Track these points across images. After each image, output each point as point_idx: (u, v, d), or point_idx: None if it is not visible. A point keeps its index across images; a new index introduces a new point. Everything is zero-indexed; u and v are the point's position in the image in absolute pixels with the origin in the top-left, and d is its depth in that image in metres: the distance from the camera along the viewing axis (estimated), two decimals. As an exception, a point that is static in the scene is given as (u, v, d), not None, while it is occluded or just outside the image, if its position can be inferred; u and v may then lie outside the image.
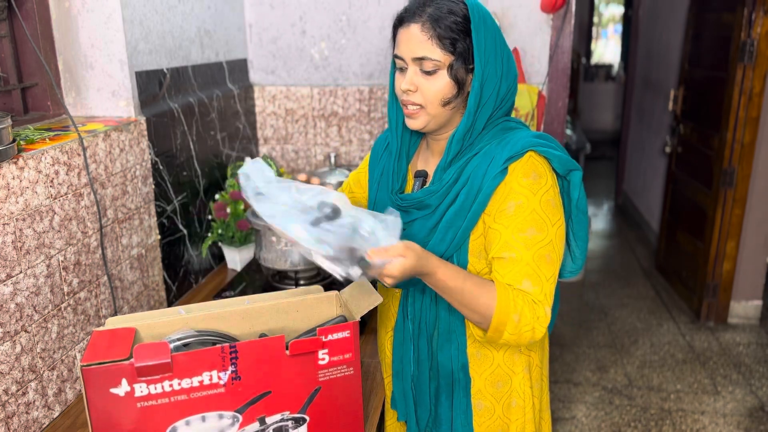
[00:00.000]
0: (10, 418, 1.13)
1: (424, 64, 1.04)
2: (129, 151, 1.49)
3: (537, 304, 1.00)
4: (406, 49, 1.05)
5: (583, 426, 2.63)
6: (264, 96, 2.28)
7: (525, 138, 1.05)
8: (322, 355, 1.00)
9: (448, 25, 1.02)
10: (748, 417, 2.67)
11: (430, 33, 1.02)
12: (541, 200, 1.02)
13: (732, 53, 3.11)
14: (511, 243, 1.02)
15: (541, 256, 1.01)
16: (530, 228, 1.01)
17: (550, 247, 1.02)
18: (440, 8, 1.03)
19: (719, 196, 3.27)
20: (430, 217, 1.10)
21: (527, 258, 1.01)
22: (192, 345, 1.02)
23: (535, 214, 1.02)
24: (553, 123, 2.14)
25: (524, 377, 1.17)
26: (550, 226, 1.02)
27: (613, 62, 8.74)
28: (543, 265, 1.02)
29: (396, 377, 1.25)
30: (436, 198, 1.09)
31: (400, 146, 1.18)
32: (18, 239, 1.13)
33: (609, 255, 4.57)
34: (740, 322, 3.46)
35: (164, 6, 1.67)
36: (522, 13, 2.04)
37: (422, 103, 1.07)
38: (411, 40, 1.04)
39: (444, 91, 1.05)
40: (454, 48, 1.03)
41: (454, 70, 1.04)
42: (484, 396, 1.16)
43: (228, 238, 1.90)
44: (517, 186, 1.02)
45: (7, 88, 1.40)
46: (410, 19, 1.05)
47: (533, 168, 1.03)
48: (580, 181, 1.10)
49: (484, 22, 1.04)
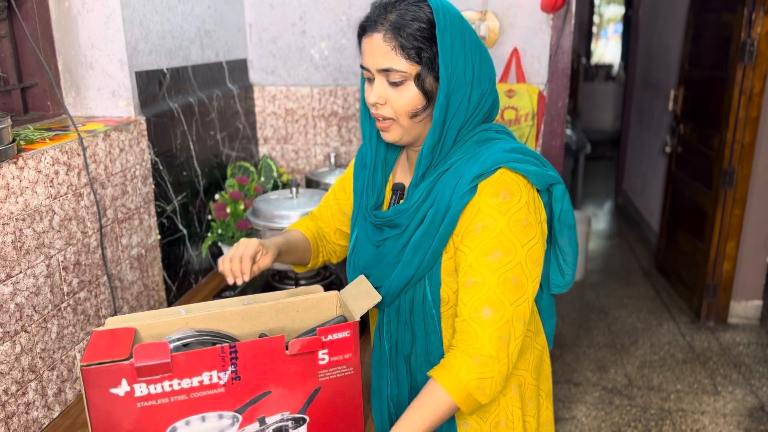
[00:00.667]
0: (10, 418, 1.13)
1: (390, 76, 0.99)
2: (129, 151, 1.49)
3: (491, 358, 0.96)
4: (370, 60, 1.00)
5: (583, 426, 2.63)
6: (264, 96, 2.28)
7: (496, 153, 0.99)
8: (322, 355, 1.00)
9: (412, 33, 0.96)
10: (748, 417, 2.67)
11: (393, 43, 0.97)
12: (510, 220, 0.96)
13: (732, 53, 3.11)
14: (476, 267, 0.97)
15: (506, 280, 0.96)
16: (496, 251, 0.96)
17: (518, 269, 0.96)
18: (403, 15, 0.97)
19: (719, 196, 3.27)
20: (400, 237, 1.06)
21: (491, 283, 0.96)
22: (192, 345, 1.02)
23: (502, 236, 0.96)
24: (553, 123, 2.14)
25: (513, 397, 1.12)
26: (519, 247, 0.96)
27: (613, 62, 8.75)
28: (508, 290, 0.96)
29: (373, 395, 1.21)
30: (406, 217, 1.05)
31: (375, 159, 1.15)
32: (18, 239, 1.13)
33: (609, 255, 4.57)
34: (740, 322, 3.46)
35: (164, 6, 1.67)
36: (522, 13, 2.04)
37: (393, 116, 1.02)
38: (374, 51, 0.99)
39: (413, 103, 1.00)
40: (420, 57, 0.97)
41: (421, 80, 0.99)
42: (468, 417, 1.11)
43: (228, 238, 1.90)
44: (485, 206, 0.97)
45: (7, 88, 1.40)
46: (372, 28, 0.99)
47: (504, 186, 0.97)
48: (562, 194, 1.05)
49: (451, 27, 0.98)
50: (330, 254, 1.34)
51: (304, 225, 1.32)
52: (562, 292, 1.18)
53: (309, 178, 2.14)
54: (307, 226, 1.32)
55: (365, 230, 1.16)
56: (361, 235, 1.18)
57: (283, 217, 1.63)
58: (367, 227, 1.16)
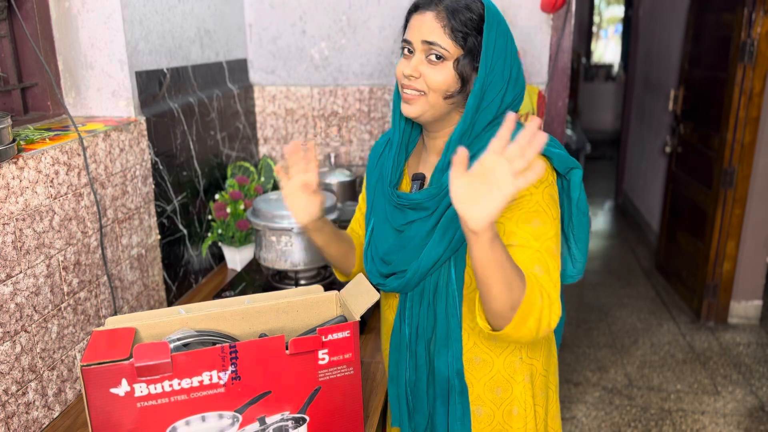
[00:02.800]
0: (10, 418, 1.13)
1: (432, 49, 1.02)
2: (129, 151, 1.49)
3: (551, 299, 0.95)
4: (416, 33, 1.03)
5: (583, 426, 2.63)
6: (264, 96, 2.28)
7: None
8: (322, 355, 1.00)
9: (462, 19, 1.01)
10: (748, 417, 2.67)
11: (444, 22, 1.01)
12: (544, 193, 1.00)
13: (732, 53, 3.11)
14: (517, 232, 0.99)
15: (548, 248, 0.99)
16: (535, 219, 0.99)
17: (555, 240, 1.00)
18: (458, 1, 1.02)
19: (719, 196, 3.27)
20: (428, 219, 1.08)
21: (536, 245, 0.98)
22: (192, 345, 1.02)
23: (539, 206, 1.00)
24: (553, 123, 2.14)
25: (525, 386, 1.14)
26: (552, 219, 1.00)
27: (613, 62, 8.74)
28: (550, 257, 0.98)
29: (391, 381, 1.23)
30: (435, 201, 1.07)
31: (402, 138, 1.16)
32: (18, 239, 1.13)
33: (609, 255, 4.57)
34: (740, 322, 3.46)
35: (164, 6, 1.67)
36: (522, 13, 2.04)
37: (424, 90, 1.04)
38: (423, 26, 1.03)
39: (447, 83, 1.03)
40: (464, 42, 1.01)
41: (460, 65, 1.02)
42: (483, 402, 1.14)
43: (228, 238, 1.90)
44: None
45: (7, 88, 1.40)
46: (426, 7, 1.04)
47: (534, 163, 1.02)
48: (580, 180, 1.08)
49: (498, 26, 1.03)
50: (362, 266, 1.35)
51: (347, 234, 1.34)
52: (574, 281, 1.20)
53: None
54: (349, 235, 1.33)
55: (384, 215, 1.17)
56: (379, 223, 1.19)
57: (283, 217, 1.63)
58: (386, 211, 1.17)
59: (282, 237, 1.65)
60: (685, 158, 3.73)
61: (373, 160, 1.26)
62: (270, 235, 1.66)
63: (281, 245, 1.66)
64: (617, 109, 8.02)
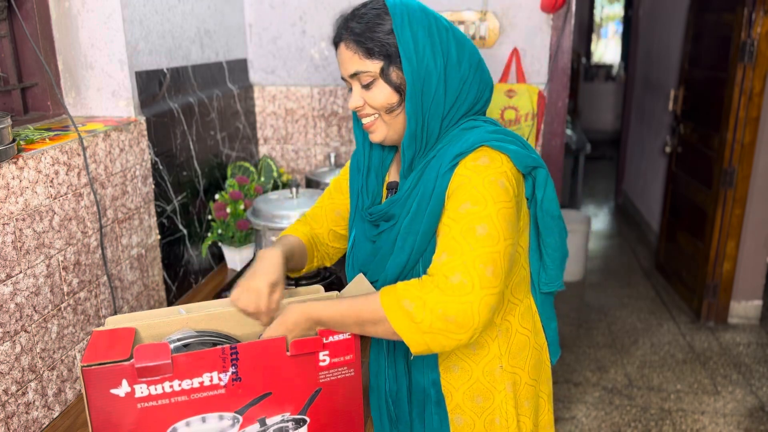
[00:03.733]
0: (10, 418, 1.13)
1: (361, 79, 1.03)
2: (129, 151, 1.49)
3: (430, 277, 0.90)
4: (342, 69, 1.06)
5: (583, 426, 2.63)
6: (264, 96, 2.27)
7: (479, 134, 1.00)
8: (323, 357, 1.00)
9: (370, 34, 1.00)
10: (748, 417, 2.67)
11: (354, 48, 1.01)
12: (486, 179, 0.95)
13: (732, 53, 3.11)
14: (445, 221, 0.96)
15: (470, 228, 0.92)
16: (465, 202, 0.94)
17: (486, 220, 0.92)
18: (360, 19, 1.01)
19: (719, 196, 3.27)
20: (394, 227, 1.08)
21: (455, 231, 0.93)
22: (192, 345, 1.02)
23: (475, 190, 0.94)
24: (553, 123, 2.14)
25: (507, 395, 1.10)
26: (491, 202, 0.93)
27: (613, 62, 8.74)
28: (470, 237, 0.91)
29: (371, 392, 1.21)
30: (398, 207, 1.06)
31: (369, 163, 1.17)
32: (18, 239, 1.13)
33: (609, 255, 4.57)
34: (740, 322, 3.46)
35: (164, 6, 1.67)
36: (522, 13, 2.04)
37: (374, 113, 1.06)
38: (343, 60, 1.04)
39: (387, 98, 1.03)
40: (381, 54, 1.00)
41: (387, 76, 1.01)
42: (462, 411, 1.11)
43: (228, 238, 1.90)
44: (463, 169, 0.97)
45: (7, 88, 1.40)
46: (339, 39, 1.05)
47: (484, 154, 0.97)
48: (545, 179, 1.04)
49: (410, 18, 1.00)
50: (323, 257, 1.34)
51: (300, 230, 1.31)
52: (552, 291, 1.16)
53: (309, 178, 2.14)
54: (302, 231, 1.31)
55: (362, 229, 1.18)
56: (358, 234, 1.19)
57: (283, 217, 1.63)
58: (364, 226, 1.17)
59: (282, 237, 1.64)
60: (685, 158, 3.73)
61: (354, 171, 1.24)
62: (270, 235, 1.66)
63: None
64: (617, 109, 8.02)
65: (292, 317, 0.98)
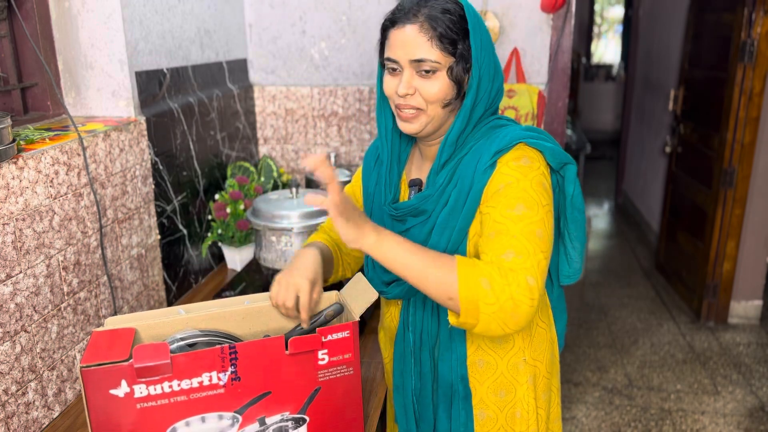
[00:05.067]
0: (9, 418, 1.13)
1: (422, 65, 1.00)
2: (129, 151, 1.49)
3: (513, 271, 0.91)
4: (401, 52, 1.01)
5: (583, 426, 2.63)
6: (264, 96, 2.27)
7: (514, 131, 1.03)
8: (322, 356, 1.00)
9: (447, 25, 0.99)
10: (748, 417, 2.67)
11: (429, 34, 0.99)
12: (532, 181, 0.99)
13: (732, 53, 3.11)
14: (499, 219, 0.97)
15: (531, 231, 0.95)
16: (519, 204, 0.97)
17: (540, 224, 0.96)
18: (435, 8, 1.00)
19: (719, 196, 3.27)
20: (426, 222, 1.07)
21: (514, 231, 0.95)
22: (198, 345, 1.02)
23: (525, 192, 0.98)
24: (553, 123, 2.14)
25: (529, 388, 1.13)
26: (540, 205, 0.98)
27: (613, 62, 8.74)
28: (532, 239, 0.95)
29: (396, 391, 1.21)
30: (431, 202, 1.06)
31: (391, 153, 1.15)
32: (18, 239, 1.13)
33: (609, 255, 4.57)
34: (740, 322, 3.46)
35: (164, 6, 1.67)
36: (522, 13, 2.04)
37: (421, 106, 1.03)
38: (407, 42, 1.00)
39: (444, 92, 1.02)
40: (453, 48, 1.00)
41: (454, 72, 1.01)
42: (486, 405, 1.13)
43: (228, 238, 1.90)
44: (507, 168, 1.00)
45: (7, 88, 1.40)
46: (405, 20, 1.01)
47: (524, 154, 1.01)
48: (575, 175, 1.07)
49: (479, 22, 1.02)
50: (346, 267, 1.32)
51: (323, 238, 1.29)
52: (572, 282, 1.19)
53: (309, 178, 2.14)
54: (324, 238, 1.29)
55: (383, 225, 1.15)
56: None
57: (283, 217, 1.63)
58: (384, 223, 1.16)
59: (282, 237, 1.64)
60: (685, 158, 3.73)
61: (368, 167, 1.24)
62: (270, 235, 1.66)
63: (281, 245, 1.66)
64: (617, 109, 8.01)
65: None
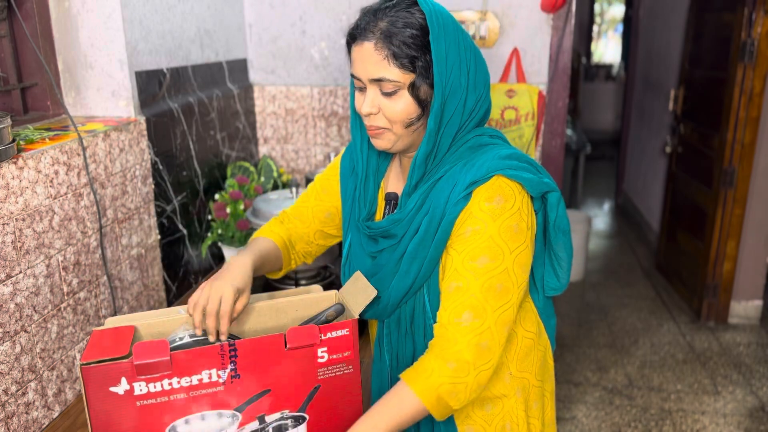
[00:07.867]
0: (9, 418, 1.13)
1: (383, 86, 0.96)
2: (129, 151, 1.50)
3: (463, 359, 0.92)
4: (361, 69, 0.97)
5: (583, 426, 2.63)
6: (264, 96, 2.28)
7: (492, 160, 0.97)
8: (321, 353, 1.00)
9: (404, 41, 0.93)
10: (749, 417, 2.66)
11: (385, 52, 0.94)
12: (501, 226, 0.95)
13: (732, 53, 3.11)
14: (460, 271, 0.95)
15: (491, 287, 0.94)
16: (482, 256, 0.94)
17: (504, 275, 0.94)
18: (394, 22, 0.94)
19: (719, 196, 3.27)
20: (396, 248, 1.04)
21: (474, 288, 0.94)
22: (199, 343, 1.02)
23: (491, 241, 0.94)
24: (553, 123, 2.14)
25: (518, 401, 1.10)
26: (507, 253, 0.95)
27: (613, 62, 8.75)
28: (491, 297, 0.94)
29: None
30: (401, 227, 1.03)
31: (367, 167, 1.12)
32: (17, 239, 1.13)
33: (609, 255, 4.57)
34: (740, 322, 3.46)
35: (164, 6, 1.67)
36: (522, 13, 2.04)
37: (386, 126, 1.00)
38: (366, 60, 0.96)
39: (407, 112, 0.98)
40: (413, 66, 0.95)
41: (415, 90, 0.96)
42: (473, 420, 1.09)
43: (228, 238, 1.90)
44: (477, 211, 0.95)
45: (6, 88, 1.40)
46: (363, 36, 0.96)
47: (498, 191, 0.96)
48: (557, 201, 1.03)
49: (445, 33, 0.94)
50: (305, 256, 1.29)
51: (275, 231, 1.25)
52: (558, 294, 1.16)
53: (309, 178, 2.14)
54: (277, 232, 1.25)
55: (359, 240, 1.14)
56: (354, 244, 1.15)
57: (283, 216, 1.63)
58: (361, 238, 1.13)
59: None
60: (685, 158, 3.73)
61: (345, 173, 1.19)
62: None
63: (281, 245, 1.66)
64: (617, 109, 8.01)
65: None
